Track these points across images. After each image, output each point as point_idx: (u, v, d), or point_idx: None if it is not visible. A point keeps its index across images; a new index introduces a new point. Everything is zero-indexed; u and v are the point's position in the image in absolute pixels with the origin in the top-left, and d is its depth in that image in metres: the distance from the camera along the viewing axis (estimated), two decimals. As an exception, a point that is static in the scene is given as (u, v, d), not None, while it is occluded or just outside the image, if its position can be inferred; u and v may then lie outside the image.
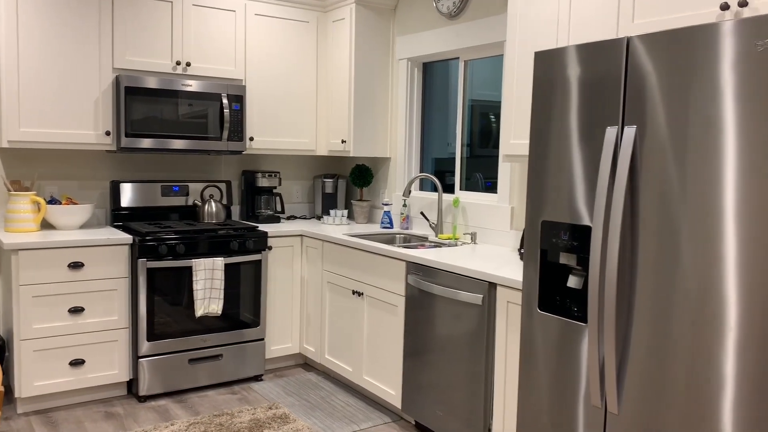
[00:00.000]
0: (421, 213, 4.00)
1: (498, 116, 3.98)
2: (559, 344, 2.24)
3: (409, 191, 3.93)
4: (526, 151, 2.96)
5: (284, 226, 4.24)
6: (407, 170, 4.33)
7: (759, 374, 1.69)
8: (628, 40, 1.99)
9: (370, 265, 3.53)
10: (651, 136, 1.93)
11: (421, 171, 4.38)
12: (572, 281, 2.19)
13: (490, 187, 3.91)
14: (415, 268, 3.20)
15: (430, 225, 3.93)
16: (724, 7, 2.07)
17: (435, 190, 4.25)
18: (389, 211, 4.26)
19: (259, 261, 3.98)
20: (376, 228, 4.27)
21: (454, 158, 4.17)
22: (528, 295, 2.35)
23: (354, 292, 3.65)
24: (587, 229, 2.13)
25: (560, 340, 2.23)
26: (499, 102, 3.94)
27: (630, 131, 1.97)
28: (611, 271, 1.98)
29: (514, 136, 3.03)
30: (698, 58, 1.80)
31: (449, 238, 3.78)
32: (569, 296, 2.20)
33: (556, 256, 2.24)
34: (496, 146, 3.86)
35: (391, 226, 4.24)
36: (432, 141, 4.48)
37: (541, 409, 2.31)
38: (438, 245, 3.77)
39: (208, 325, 3.81)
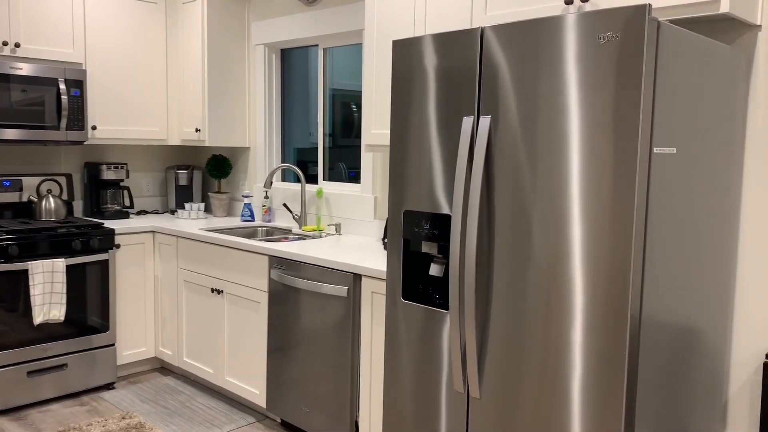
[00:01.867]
0: (284, 205, 3.89)
1: (360, 106, 3.96)
2: (423, 332, 2.25)
3: (271, 182, 3.80)
4: (387, 141, 2.95)
5: (134, 222, 3.95)
6: (268, 160, 4.19)
7: (604, 351, 1.79)
8: (482, 30, 2.01)
9: (230, 261, 3.38)
10: (504, 126, 1.97)
11: (283, 161, 4.26)
12: (434, 269, 2.20)
13: (354, 177, 3.88)
14: (278, 262, 3.10)
15: (294, 217, 3.83)
16: (568, 1, 2.15)
17: (298, 180, 4.16)
18: (250, 204, 4.10)
19: (106, 261, 3.67)
20: (236, 221, 4.10)
21: (316, 148, 4.09)
22: (392, 284, 2.34)
23: (213, 290, 3.48)
24: (447, 218, 2.15)
25: (423, 328, 2.25)
26: (361, 91, 3.91)
27: (485, 121, 2.01)
28: (470, 259, 2.01)
29: (375, 125, 3.01)
30: (545, 50, 1.86)
31: (314, 230, 3.70)
32: (432, 285, 2.21)
33: (419, 245, 2.24)
34: (359, 136, 3.83)
35: (253, 219, 4.10)
36: (293, 130, 4.37)
37: (406, 398, 2.32)
38: (302, 237, 3.68)
39: (50, 332, 3.46)
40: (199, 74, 4.04)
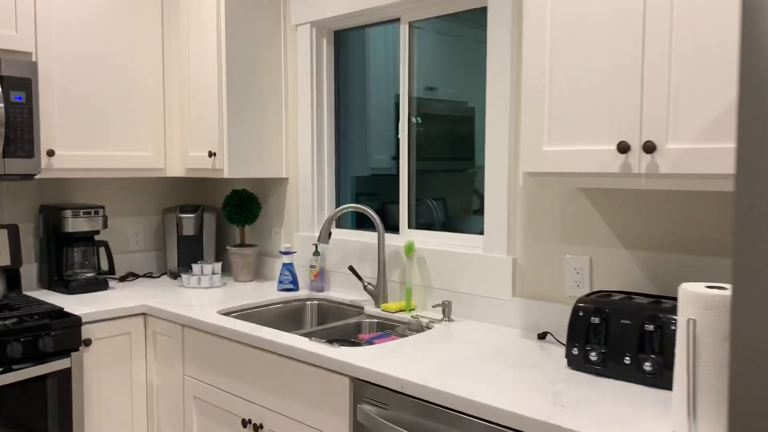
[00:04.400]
0: (350, 268, 2.48)
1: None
2: None
3: (329, 233, 2.40)
4: (579, 166, 1.56)
5: (115, 299, 2.53)
6: (317, 198, 2.79)
7: None
8: None
9: (275, 375, 1.96)
10: None
11: (339, 198, 2.86)
12: None
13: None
14: (372, 391, 1.68)
15: (365, 287, 2.42)
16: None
17: (363, 226, 2.76)
18: (291, 264, 2.69)
19: (67, 371, 2.25)
20: (271, 291, 2.68)
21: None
22: None
23: (246, 423, 2.05)
24: None
25: None
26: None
27: None
28: None
29: (552, 138, 1.62)
30: None
31: (400, 310, 2.29)
32: None
33: None
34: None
35: (296, 288, 2.68)
36: (349, 153, 2.99)
37: None
38: (388, 326, 2.27)
39: (-33, 502, 2.03)
40: (213, 75, 2.66)
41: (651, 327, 1.52)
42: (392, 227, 2.60)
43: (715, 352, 1.19)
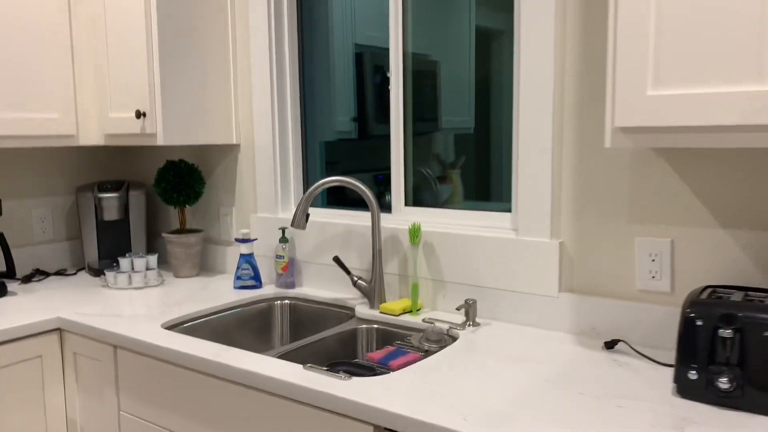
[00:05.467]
0: (335, 259, 1.93)
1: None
2: None
3: (306, 215, 1.84)
4: (709, 118, 1.08)
5: (16, 310, 1.88)
6: (279, 169, 2.20)
7: None
8: None
9: (249, 413, 1.41)
10: None
11: (306, 167, 2.29)
12: None
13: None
14: (409, 447, 1.17)
15: (355, 282, 1.88)
16: None
17: (335, 204, 2.21)
18: (251, 255, 2.12)
19: (-50, 421, 1.62)
20: (227, 289, 2.10)
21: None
22: None
23: (214, 481, 1.50)
24: None
25: None
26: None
27: None
28: None
29: (664, 76, 1.13)
30: None
31: (405, 311, 1.78)
32: None
33: None
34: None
35: (259, 284, 2.12)
36: (313, 115, 2.44)
37: None
38: (400, 336, 1.75)
39: None
40: (139, 13, 2.01)
41: (816, 343, 1.08)
42: (360, 205, 2.05)
43: None
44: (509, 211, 1.76)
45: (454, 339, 1.60)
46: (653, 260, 1.48)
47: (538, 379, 1.30)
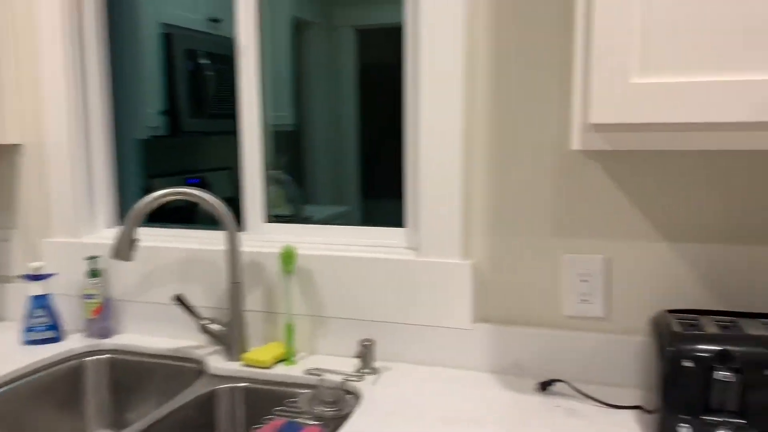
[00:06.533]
0: (177, 298, 1.44)
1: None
2: None
3: (132, 241, 1.35)
4: (704, 113, 0.86)
5: None
6: (81, 178, 1.64)
7: None
8: None
9: None
10: None
11: (121, 175, 1.75)
12: None
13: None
14: None
15: (205, 327, 1.43)
16: None
17: (167, 221, 1.72)
18: (46, 297, 1.55)
19: None
20: (11, 346, 1.50)
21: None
22: None
23: None
24: None
25: None
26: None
27: None
28: None
29: (653, 60, 0.89)
30: None
31: (278, 360, 1.38)
32: None
33: None
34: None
35: (57, 336, 1.55)
36: (125, 108, 1.92)
37: None
38: (277, 398, 1.34)
39: None
40: None
41: (833, 381, 0.91)
42: (203, 222, 1.59)
43: None
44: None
45: (355, 396, 1.25)
46: (584, 281, 1.27)
47: (492, 451, 1.01)
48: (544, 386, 1.23)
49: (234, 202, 1.57)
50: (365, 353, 1.32)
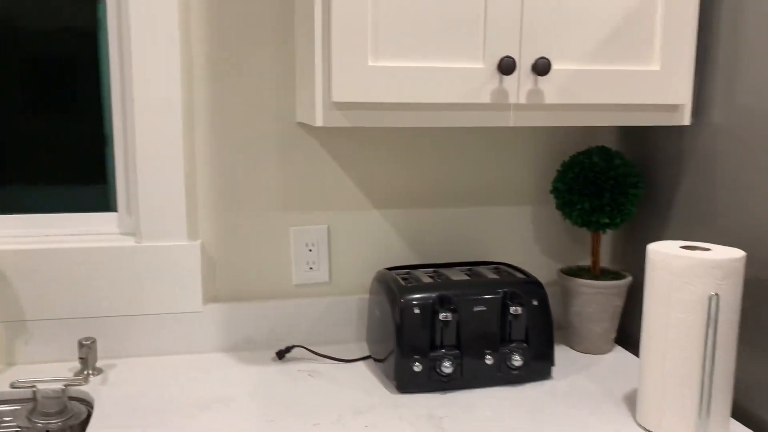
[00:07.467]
0: None
1: None
2: None
3: None
4: (430, 95, 1.04)
5: None
6: None
7: None
8: None
9: None
10: None
11: None
12: None
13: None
14: None
15: None
16: None
17: None
18: None
19: None
20: None
21: None
22: None
23: None
24: None
25: None
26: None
27: None
28: None
29: (386, 46, 1.01)
30: None
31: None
32: None
33: None
34: None
35: None
36: None
37: None
38: (1, 421, 1.11)
39: None
40: None
41: (518, 309, 1.16)
42: None
43: (730, 332, 0.95)
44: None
45: (84, 401, 1.12)
46: (310, 250, 1.35)
47: (259, 422, 1.03)
48: (282, 354, 1.29)
49: None
50: (87, 353, 1.19)
